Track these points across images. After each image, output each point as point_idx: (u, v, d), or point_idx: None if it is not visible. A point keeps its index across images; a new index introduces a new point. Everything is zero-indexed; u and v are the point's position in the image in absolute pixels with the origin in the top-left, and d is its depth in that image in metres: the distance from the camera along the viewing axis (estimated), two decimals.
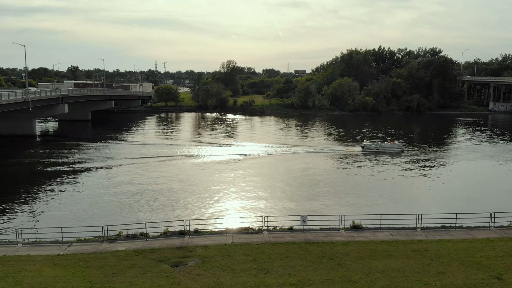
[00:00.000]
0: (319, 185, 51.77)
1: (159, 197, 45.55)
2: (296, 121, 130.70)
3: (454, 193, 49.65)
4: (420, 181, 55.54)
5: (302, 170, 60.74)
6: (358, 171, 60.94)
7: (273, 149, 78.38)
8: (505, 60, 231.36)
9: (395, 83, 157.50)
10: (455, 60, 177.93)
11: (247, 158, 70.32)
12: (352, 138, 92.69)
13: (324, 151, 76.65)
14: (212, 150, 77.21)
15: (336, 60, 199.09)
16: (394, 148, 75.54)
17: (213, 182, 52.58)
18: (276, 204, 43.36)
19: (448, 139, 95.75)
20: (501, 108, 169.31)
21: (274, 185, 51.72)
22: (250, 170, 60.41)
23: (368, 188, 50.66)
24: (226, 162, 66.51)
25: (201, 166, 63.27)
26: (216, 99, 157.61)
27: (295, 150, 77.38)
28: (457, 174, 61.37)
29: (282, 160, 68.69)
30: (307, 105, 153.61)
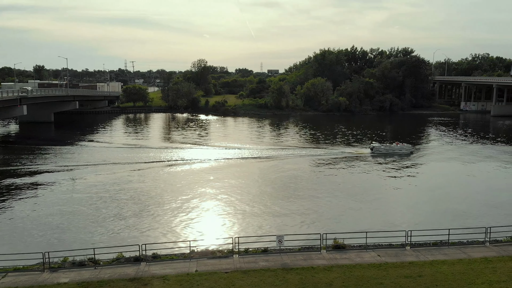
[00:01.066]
0: (298, 190, 48.07)
1: (116, 212, 40.34)
2: (271, 122, 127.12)
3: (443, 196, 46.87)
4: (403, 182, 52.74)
5: (287, 176, 56.92)
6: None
7: (257, 152, 74.35)
8: (474, 60, 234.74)
9: (368, 83, 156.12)
10: (427, 60, 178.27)
11: (222, 162, 66.06)
12: (346, 139, 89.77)
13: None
14: (183, 154, 72.42)
15: (309, 60, 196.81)
16: (403, 150, 74.21)
17: (181, 193, 48.01)
18: (252, 219, 38.82)
19: (429, 140, 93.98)
20: (472, 108, 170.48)
21: (253, 194, 47.62)
22: (225, 177, 56.19)
23: (362, 198, 47.27)
24: (199, 168, 62.05)
25: (170, 173, 58.53)
26: (187, 99, 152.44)
27: (284, 153, 73.85)
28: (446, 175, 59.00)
29: (272, 165, 64.49)
30: (281, 105, 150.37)
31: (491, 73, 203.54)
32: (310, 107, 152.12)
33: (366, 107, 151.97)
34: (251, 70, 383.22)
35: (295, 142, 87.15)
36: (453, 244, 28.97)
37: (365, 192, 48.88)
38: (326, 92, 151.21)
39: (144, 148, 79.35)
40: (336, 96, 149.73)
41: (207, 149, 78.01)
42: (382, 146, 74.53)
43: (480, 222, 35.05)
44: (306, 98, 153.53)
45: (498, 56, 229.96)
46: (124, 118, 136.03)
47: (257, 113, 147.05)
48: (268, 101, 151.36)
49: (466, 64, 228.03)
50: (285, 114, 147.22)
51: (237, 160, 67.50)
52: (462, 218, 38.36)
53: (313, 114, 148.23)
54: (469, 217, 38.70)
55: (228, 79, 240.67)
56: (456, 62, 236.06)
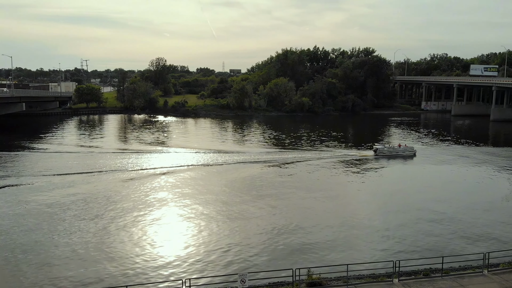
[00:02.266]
0: (276, 209, 43.45)
1: (45, 247, 33.03)
2: (235, 123, 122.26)
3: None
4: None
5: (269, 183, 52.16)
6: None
7: (225, 157, 69.14)
8: (433, 60, 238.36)
9: (331, 83, 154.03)
10: (388, 60, 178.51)
11: (182, 169, 60.39)
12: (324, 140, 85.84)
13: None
14: (140, 160, 66.02)
15: (271, 59, 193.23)
16: (406, 151, 73.08)
17: (134, 209, 42.24)
18: (213, 249, 32.65)
19: (408, 141, 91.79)
20: (433, 107, 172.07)
21: (215, 211, 42.54)
22: (185, 187, 50.81)
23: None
24: (158, 176, 56.21)
25: (123, 184, 52.28)
26: (144, 99, 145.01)
27: (279, 156, 69.61)
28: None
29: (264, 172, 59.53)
30: (244, 105, 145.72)
31: (450, 72, 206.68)
32: (273, 108, 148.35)
33: (329, 107, 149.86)
34: (213, 70, 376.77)
35: (281, 144, 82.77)
36: (447, 273, 25.10)
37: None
38: (289, 92, 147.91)
39: (96, 153, 72.48)
40: (299, 97, 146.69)
41: (168, 154, 72.08)
42: (385, 148, 73.18)
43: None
44: (269, 99, 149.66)
45: (456, 56, 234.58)
46: (76, 121, 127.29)
47: (219, 114, 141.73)
48: (231, 101, 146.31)
49: (425, 64, 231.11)
50: (248, 115, 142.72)
51: (213, 167, 62.15)
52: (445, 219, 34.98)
53: (277, 114, 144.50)
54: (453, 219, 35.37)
55: (189, 79, 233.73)
56: (415, 62, 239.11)
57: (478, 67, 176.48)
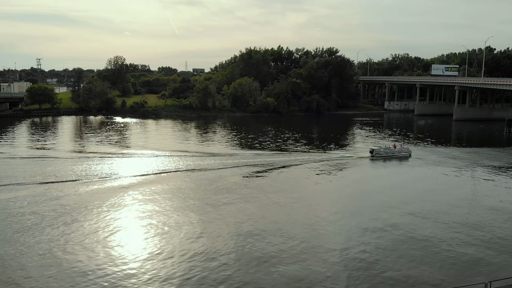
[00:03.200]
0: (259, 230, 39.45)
1: None
2: (199, 124, 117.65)
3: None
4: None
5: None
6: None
7: (190, 162, 64.46)
8: (394, 60, 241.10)
9: (295, 84, 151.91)
10: (352, 60, 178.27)
11: (142, 176, 55.46)
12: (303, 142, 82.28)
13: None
14: (95, 167, 60.43)
15: (235, 59, 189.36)
16: (402, 153, 71.92)
17: (83, 232, 37.46)
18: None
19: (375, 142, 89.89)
20: (396, 107, 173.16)
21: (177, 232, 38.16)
22: (145, 197, 46.16)
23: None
24: (116, 185, 51.15)
25: (75, 196, 47.04)
26: (101, 99, 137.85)
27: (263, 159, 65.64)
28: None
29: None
30: (207, 106, 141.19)
31: (411, 72, 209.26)
32: (238, 108, 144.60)
33: (294, 107, 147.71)
34: (175, 69, 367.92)
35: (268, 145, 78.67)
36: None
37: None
38: (254, 92, 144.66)
39: (47, 159, 66.25)
40: (264, 97, 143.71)
41: (127, 159, 66.76)
42: (382, 149, 71.84)
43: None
44: (234, 99, 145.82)
45: (417, 56, 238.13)
46: (28, 123, 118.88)
47: (181, 115, 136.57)
48: (193, 101, 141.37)
49: (387, 64, 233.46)
50: (212, 115, 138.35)
51: (178, 172, 57.38)
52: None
53: (241, 115, 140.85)
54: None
55: (149, 78, 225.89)
56: (377, 62, 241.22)
57: (440, 67, 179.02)
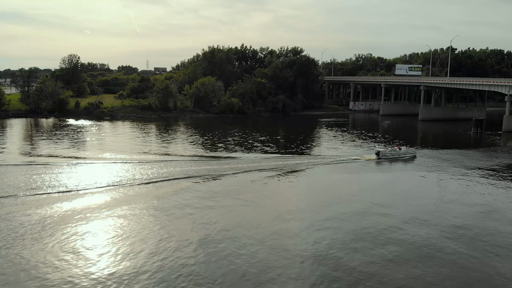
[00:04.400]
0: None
1: None
2: (159, 126, 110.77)
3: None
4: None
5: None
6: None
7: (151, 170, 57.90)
8: (358, 60, 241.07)
9: (260, 83, 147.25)
10: (317, 60, 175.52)
11: (91, 187, 48.73)
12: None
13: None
14: (38, 178, 53.11)
15: (198, 57, 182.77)
16: (408, 154, 69.97)
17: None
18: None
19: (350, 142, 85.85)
20: (361, 107, 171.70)
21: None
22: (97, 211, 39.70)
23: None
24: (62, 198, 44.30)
25: (24, 216, 40.07)
26: (53, 100, 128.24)
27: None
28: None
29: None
30: (168, 106, 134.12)
31: (375, 72, 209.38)
32: (201, 109, 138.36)
33: (260, 108, 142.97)
34: (136, 68, 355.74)
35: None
36: None
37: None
38: (218, 92, 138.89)
39: None
40: (229, 97, 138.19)
41: (76, 167, 59.52)
42: (388, 150, 69.31)
43: None
44: (196, 99, 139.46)
45: (380, 57, 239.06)
46: None
47: (139, 116, 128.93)
48: (153, 102, 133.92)
49: (350, 64, 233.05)
50: (173, 116, 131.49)
51: (136, 181, 50.77)
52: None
53: (205, 116, 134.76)
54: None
55: (107, 77, 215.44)
56: (341, 62, 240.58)
57: (403, 67, 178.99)
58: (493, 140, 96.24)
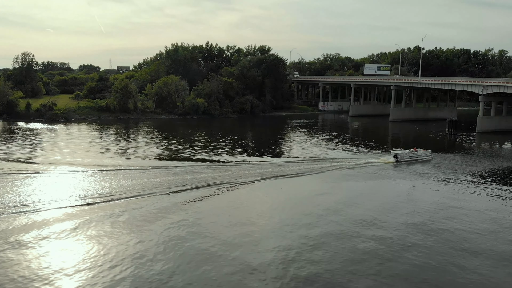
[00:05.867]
0: None
1: None
2: (117, 129, 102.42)
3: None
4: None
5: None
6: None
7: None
8: (326, 60, 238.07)
9: (227, 83, 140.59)
10: (285, 59, 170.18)
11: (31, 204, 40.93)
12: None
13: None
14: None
15: (161, 56, 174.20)
16: (425, 156, 68.13)
17: None
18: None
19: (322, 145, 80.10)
20: (330, 108, 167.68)
21: None
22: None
23: None
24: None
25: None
26: (1, 102, 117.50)
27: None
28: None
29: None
30: (127, 107, 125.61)
31: (343, 72, 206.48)
32: (163, 110, 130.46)
33: (227, 109, 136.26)
34: (98, 67, 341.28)
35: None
36: None
37: None
38: (182, 92, 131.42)
39: None
40: (193, 97, 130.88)
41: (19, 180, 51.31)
42: (406, 152, 67.22)
43: None
44: (159, 99, 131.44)
45: (347, 56, 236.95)
46: None
47: (96, 118, 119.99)
48: (111, 102, 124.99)
49: (319, 64, 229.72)
50: (133, 118, 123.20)
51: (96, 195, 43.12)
52: None
53: (168, 117, 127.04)
54: None
55: (66, 77, 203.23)
56: (309, 62, 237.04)
57: (372, 66, 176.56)
58: (468, 141, 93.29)
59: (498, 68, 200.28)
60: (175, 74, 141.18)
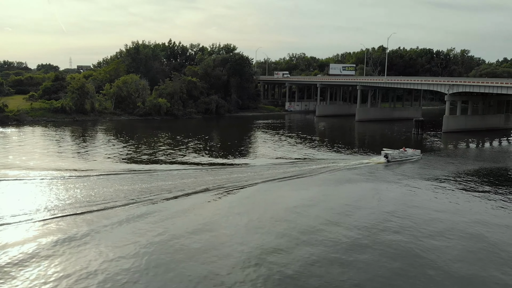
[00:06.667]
0: None
1: None
2: (72, 131, 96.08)
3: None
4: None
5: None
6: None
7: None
8: (291, 60, 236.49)
9: (191, 82, 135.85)
10: (251, 58, 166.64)
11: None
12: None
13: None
14: None
15: (121, 54, 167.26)
16: (415, 156, 67.95)
17: None
18: None
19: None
20: (297, 108, 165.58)
21: None
22: None
23: None
24: None
25: None
26: None
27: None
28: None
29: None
30: (84, 108, 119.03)
31: (308, 72, 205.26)
32: (123, 111, 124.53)
33: (191, 109, 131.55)
34: (57, 66, 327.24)
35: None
36: None
37: None
38: (142, 92, 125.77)
39: None
40: (155, 97, 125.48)
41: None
42: (396, 153, 66.85)
43: None
44: (118, 100, 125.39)
45: (312, 56, 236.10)
46: None
47: (51, 120, 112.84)
48: (67, 103, 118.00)
49: (284, 63, 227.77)
50: (90, 119, 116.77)
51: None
52: None
53: (128, 118, 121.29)
54: None
55: (22, 77, 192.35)
56: (274, 62, 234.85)
57: (337, 66, 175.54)
58: (435, 141, 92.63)
59: (460, 67, 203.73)
60: (136, 73, 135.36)
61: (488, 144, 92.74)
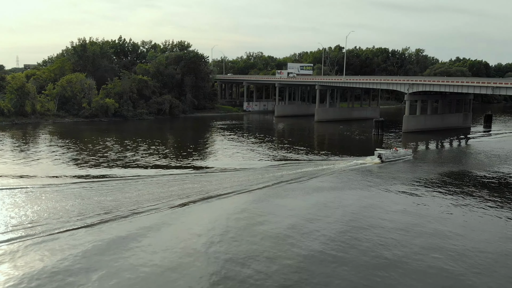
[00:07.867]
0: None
1: None
2: (11, 136, 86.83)
3: None
4: None
5: None
6: None
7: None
8: (249, 59, 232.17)
9: (142, 81, 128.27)
10: (206, 56, 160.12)
11: None
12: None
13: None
14: None
15: (67, 52, 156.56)
16: (407, 156, 68.78)
17: None
18: None
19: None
20: (255, 108, 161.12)
21: None
22: None
23: None
24: None
25: None
26: None
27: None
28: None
29: None
30: (24, 110, 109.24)
31: (266, 71, 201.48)
32: (67, 112, 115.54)
33: (142, 110, 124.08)
34: (2, 65, 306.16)
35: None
36: None
37: None
38: (88, 92, 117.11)
39: None
40: (102, 97, 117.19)
41: None
42: (390, 152, 67.26)
43: None
44: (62, 100, 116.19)
45: (270, 55, 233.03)
46: None
47: None
48: (5, 105, 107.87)
49: (242, 62, 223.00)
50: (31, 122, 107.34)
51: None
52: None
53: (72, 121, 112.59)
54: None
55: None
56: (232, 60, 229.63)
57: (295, 66, 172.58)
58: (395, 142, 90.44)
59: (415, 66, 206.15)
60: (83, 71, 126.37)
61: (447, 144, 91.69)
